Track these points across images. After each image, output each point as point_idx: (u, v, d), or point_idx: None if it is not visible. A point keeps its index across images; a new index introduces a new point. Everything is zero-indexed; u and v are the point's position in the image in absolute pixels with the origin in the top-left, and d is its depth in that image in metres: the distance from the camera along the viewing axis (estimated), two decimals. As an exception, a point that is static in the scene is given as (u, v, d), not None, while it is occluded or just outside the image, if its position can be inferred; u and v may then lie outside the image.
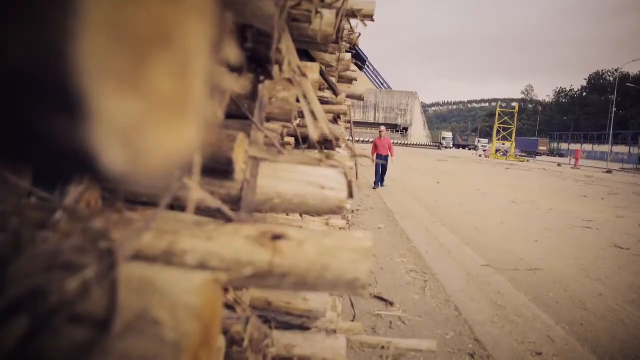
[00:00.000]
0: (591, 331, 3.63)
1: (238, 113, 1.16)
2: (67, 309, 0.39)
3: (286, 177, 1.08)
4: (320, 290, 0.64)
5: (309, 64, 1.87)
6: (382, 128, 12.79)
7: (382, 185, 12.20)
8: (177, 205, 0.83)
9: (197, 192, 0.66)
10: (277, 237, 0.63)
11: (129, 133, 0.19)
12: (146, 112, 0.19)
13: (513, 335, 3.45)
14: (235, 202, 1.01)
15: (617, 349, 3.34)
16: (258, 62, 1.07)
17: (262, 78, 1.11)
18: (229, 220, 0.70)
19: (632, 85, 56.44)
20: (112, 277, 0.40)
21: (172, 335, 0.37)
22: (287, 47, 1.13)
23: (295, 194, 1.06)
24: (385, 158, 12.19)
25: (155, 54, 0.19)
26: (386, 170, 12.36)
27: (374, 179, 12.98)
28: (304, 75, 1.28)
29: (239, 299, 1.29)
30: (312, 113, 1.27)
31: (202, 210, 0.90)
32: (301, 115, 1.38)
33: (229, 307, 1.24)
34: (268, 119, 1.30)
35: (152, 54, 0.19)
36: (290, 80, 1.27)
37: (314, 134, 1.23)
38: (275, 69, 1.20)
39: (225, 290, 1.26)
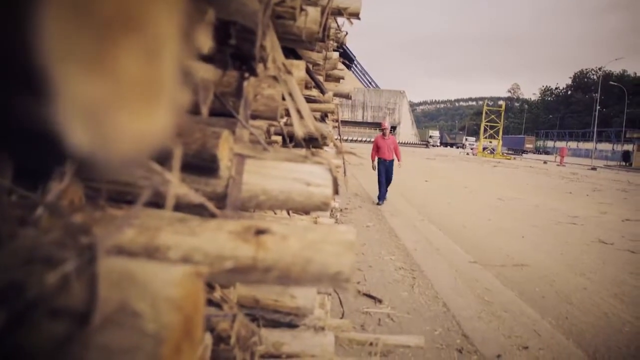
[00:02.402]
0: (576, 325, 3.69)
1: (223, 110, 1.15)
2: (46, 303, 0.39)
3: (272, 173, 1.08)
4: (304, 284, 0.64)
5: (295, 61, 1.87)
6: (386, 124, 9.64)
7: (381, 202, 9.22)
8: (163, 204, 0.83)
9: (179, 187, 0.66)
10: (260, 232, 0.63)
11: (95, 114, 0.19)
12: (112, 94, 0.19)
13: (500, 330, 3.49)
14: (221, 200, 1.01)
15: (601, 341, 3.40)
16: (242, 58, 1.07)
17: (246, 75, 1.11)
18: (213, 216, 0.70)
19: (615, 84, 57.41)
20: (91, 270, 0.40)
21: (152, 326, 0.37)
22: (271, 44, 1.13)
23: (281, 190, 1.06)
24: (390, 164, 9.26)
25: (121, 37, 0.19)
26: (391, 179, 9.36)
27: (365, 181, 11.61)
28: (289, 72, 1.28)
29: (226, 296, 1.29)
30: (298, 110, 1.27)
31: (187, 208, 0.90)
32: (288, 113, 1.38)
33: (216, 304, 1.24)
34: (254, 117, 1.30)
35: (118, 37, 0.19)
36: (275, 78, 1.27)
37: (299, 131, 1.23)
38: (260, 66, 1.20)
39: (212, 288, 1.26)
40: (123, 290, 0.39)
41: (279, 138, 2.15)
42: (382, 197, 9.27)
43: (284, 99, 1.32)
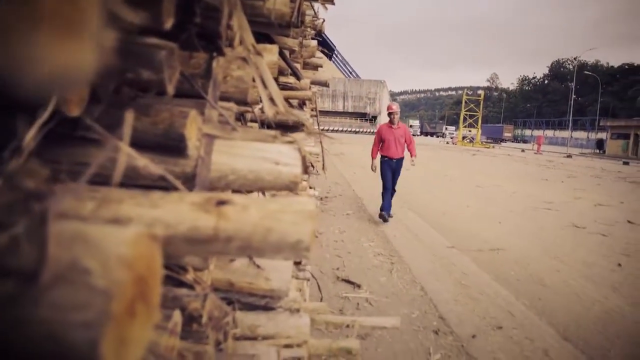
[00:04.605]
0: (548, 305, 3.81)
1: (192, 92, 1.15)
2: (-5, 263, 0.39)
3: (241, 153, 1.09)
4: (266, 254, 0.65)
5: (268, 45, 1.86)
6: (394, 107, 6.81)
7: (388, 216, 6.53)
8: (130, 183, 0.83)
9: (139, 159, 0.66)
10: (221, 203, 0.64)
11: (11, 35, 0.19)
12: (29, 19, 0.20)
13: (476, 311, 3.58)
14: (190, 180, 1.01)
15: (572, 320, 3.52)
16: (208, 38, 1.07)
17: (214, 54, 1.10)
18: (175, 189, 0.71)
19: (590, 73, 58.63)
20: (42, 232, 0.41)
21: (102, 282, 0.38)
22: (239, 24, 1.13)
23: (250, 169, 1.07)
24: (398, 164, 6.68)
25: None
26: (394, 184, 6.75)
27: (345, 170, 11.59)
28: (258, 53, 1.28)
29: (199, 278, 1.29)
30: (267, 92, 1.27)
31: (154, 188, 0.90)
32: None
33: (189, 286, 1.24)
34: (224, 98, 1.30)
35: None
36: (245, 59, 1.27)
37: (269, 112, 1.23)
38: (229, 47, 1.20)
39: (185, 270, 1.26)
40: (74, 250, 0.40)
41: (254, 125, 2.15)
42: (387, 207, 6.57)
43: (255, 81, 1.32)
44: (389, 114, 6.78)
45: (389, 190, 6.61)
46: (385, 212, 6.48)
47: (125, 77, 0.91)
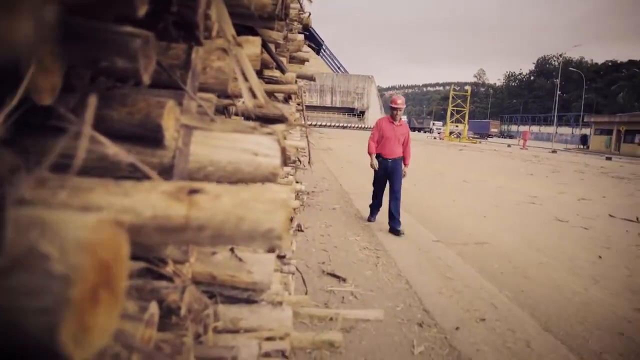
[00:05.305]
0: (531, 297, 3.87)
1: (170, 83, 1.14)
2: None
3: (219, 144, 1.08)
4: (238, 243, 0.65)
5: (250, 37, 1.85)
6: (399, 101, 5.88)
7: (398, 230, 5.66)
8: (106, 174, 0.82)
9: (110, 147, 0.65)
10: (193, 192, 0.64)
11: None
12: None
13: (460, 304, 3.62)
14: (167, 171, 1.01)
15: (553, 311, 3.58)
16: (186, 27, 1.05)
17: (192, 44, 1.09)
18: (146, 177, 0.70)
19: (574, 70, 59.36)
20: None
21: (60, 268, 0.38)
22: (218, 14, 1.11)
23: (229, 161, 1.06)
24: (394, 165, 5.96)
25: None
26: (398, 189, 5.97)
27: (333, 166, 11.51)
28: (238, 44, 1.27)
29: (179, 271, 1.28)
30: (248, 83, 1.27)
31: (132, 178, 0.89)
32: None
33: (169, 279, 1.24)
34: (204, 89, 1.29)
35: None
36: (225, 50, 1.26)
37: (249, 103, 1.23)
38: (208, 37, 1.18)
39: (165, 263, 1.25)
40: (32, 235, 0.39)
41: (239, 118, 2.14)
42: (374, 210, 6.29)
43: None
44: (392, 109, 5.90)
45: (378, 196, 6.19)
46: (372, 216, 6.25)
47: (100, 66, 0.89)
